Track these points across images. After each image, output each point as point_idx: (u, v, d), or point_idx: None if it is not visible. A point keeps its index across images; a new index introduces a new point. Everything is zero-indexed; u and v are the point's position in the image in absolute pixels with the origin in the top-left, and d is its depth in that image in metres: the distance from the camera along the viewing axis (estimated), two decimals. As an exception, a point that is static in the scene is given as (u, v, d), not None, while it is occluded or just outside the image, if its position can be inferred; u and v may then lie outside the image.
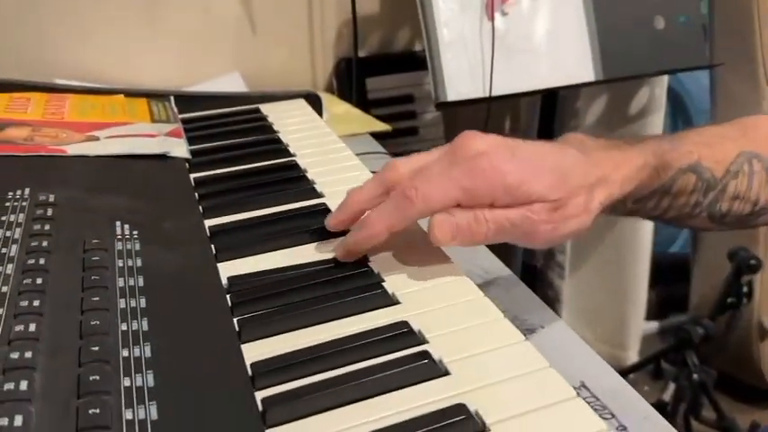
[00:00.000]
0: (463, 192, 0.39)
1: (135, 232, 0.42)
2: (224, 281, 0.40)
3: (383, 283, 0.39)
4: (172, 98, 0.69)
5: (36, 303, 0.33)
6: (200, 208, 0.49)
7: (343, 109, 0.96)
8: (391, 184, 0.41)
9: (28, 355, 0.30)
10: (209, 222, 0.47)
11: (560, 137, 0.47)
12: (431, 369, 0.33)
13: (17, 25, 0.86)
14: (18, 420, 0.26)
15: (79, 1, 0.88)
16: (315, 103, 0.73)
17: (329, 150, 0.60)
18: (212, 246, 0.44)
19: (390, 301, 0.38)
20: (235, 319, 0.36)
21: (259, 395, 0.31)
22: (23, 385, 0.28)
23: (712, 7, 0.92)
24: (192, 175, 0.54)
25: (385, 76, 1.04)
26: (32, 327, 0.32)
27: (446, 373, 0.33)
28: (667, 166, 0.46)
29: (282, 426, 0.30)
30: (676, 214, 0.48)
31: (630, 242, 1.23)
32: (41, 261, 0.37)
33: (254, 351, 0.34)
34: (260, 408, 0.30)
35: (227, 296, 0.38)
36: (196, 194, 0.51)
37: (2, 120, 0.57)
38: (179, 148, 0.56)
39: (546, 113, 1.06)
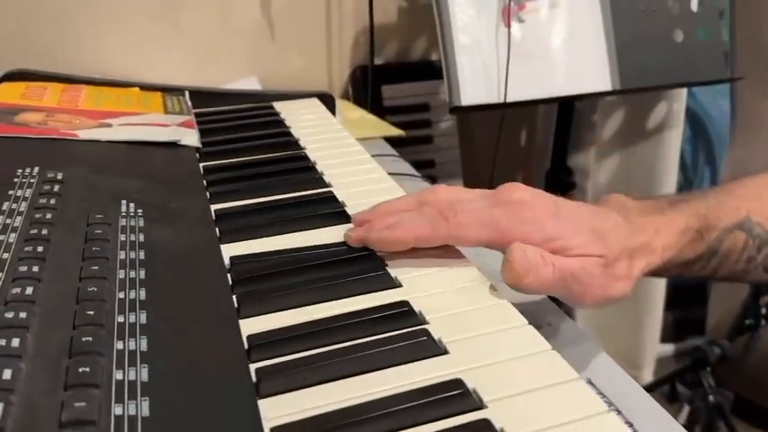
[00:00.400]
0: (499, 233, 0.38)
1: (140, 210, 0.42)
2: (226, 260, 0.40)
3: (386, 267, 0.39)
4: (187, 93, 0.69)
5: (35, 269, 0.33)
6: (208, 193, 0.49)
7: (358, 114, 0.96)
8: (428, 204, 0.41)
9: (22, 315, 0.30)
10: (215, 207, 0.47)
11: (601, 198, 0.45)
12: (429, 347, 0.32)
13: (37, 22, 0.88)
14: (7, 374, 0.26)
15: (94, 4, 0.90)
16: (328, 103, 0.73)
17: (339, 145, 0.60)
18: (217, 228, 0.43)
19: (392, 283, 0.38)
20: (234, 296, 0.36)
21: (254, 366, 0.30)
22: (15, 342, 0.28)
23: (734, 32, 0.91)
24: (202, 164, 0.54)
25: (401, 84, 1.05)
26: (29, 290, 0.32)
27: (445, 352, 0.32)
28: (711, 227, 0.44)
29: (276, 396, 0.29)
30: (728, 273, 0.46)
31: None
32: (44, 231, 0.37)
33: (253, 326, 0.34)
34: (254, 378, 0.30)
35: (228, 274, 0.38)
36: (204, 181, 0.51)
37: (18, 105, 0.58)
38: (190, 137, 0.56)
39: (562, 126, 1.05)
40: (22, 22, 0.87)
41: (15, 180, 0.44)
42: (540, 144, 1.17)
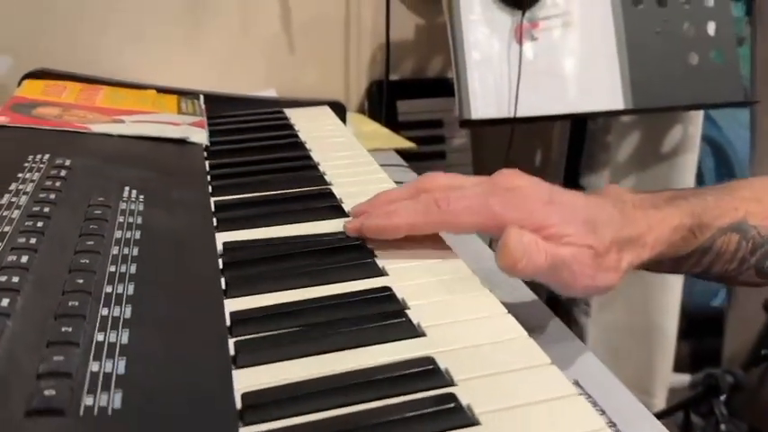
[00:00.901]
0: (492, 218, 0.39)
1: (141, 196, 0.44)
2: (219, 246, 0.41)
3: (375, 257, 0.40)
4: (201, 97, 0.71)
5: (33, 241, 0.35)
6: (210, 187, 0.50)
7: (371, 128, 0.98)
8: (425, 191, 0.42)
9: (15, 279, 0.31)
10: (215, 198, 0.48)
11: (600, 188, 0.45)
12: (407, 329, 0.32)
13: (60, 27, 0.90)
14: (-8, 329, 0.27)
15: (117, 14, 0.92)
16: (339, 111, 0.75)
17: (345, 148, 0.61)
18: (214, 218, 0.45)
19: (379, 272, 0.38)
20: (223, 278, 0.37)
21: (233, 340, 0.31)
22: (4, 302, 0.29)
23: (754, 59, 0.90)
24: (208, 161, 0.56)
25: (416, 100, 1.06)
26: (24, 259, 0.33)
27: (422, 335, 0.32)
28: (705, 226, 0.44)
29: (251, 368, 0.30)
30: (722, 271, 0.46)
31: (660, 283, 1.20)
32: (46, 209, 0.39)
33: (238, 305, 0.35)
34: (232, 351, 0.31)
35: (220, 259, 0.39)
36: (208, 176, 0.52)
37: (37, 100, 0.60)
38: (198, 135, 0.58)
39: (574, 145, 1.06)
40: (45, 27, 0.89)
41: (26, 165, 0.45)
42: (555, 163, 1.17)
